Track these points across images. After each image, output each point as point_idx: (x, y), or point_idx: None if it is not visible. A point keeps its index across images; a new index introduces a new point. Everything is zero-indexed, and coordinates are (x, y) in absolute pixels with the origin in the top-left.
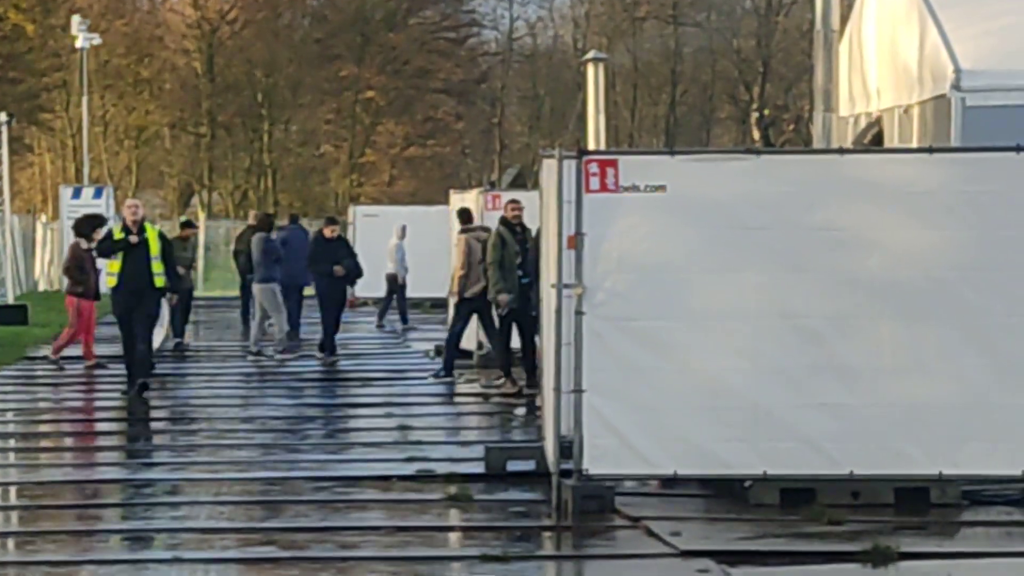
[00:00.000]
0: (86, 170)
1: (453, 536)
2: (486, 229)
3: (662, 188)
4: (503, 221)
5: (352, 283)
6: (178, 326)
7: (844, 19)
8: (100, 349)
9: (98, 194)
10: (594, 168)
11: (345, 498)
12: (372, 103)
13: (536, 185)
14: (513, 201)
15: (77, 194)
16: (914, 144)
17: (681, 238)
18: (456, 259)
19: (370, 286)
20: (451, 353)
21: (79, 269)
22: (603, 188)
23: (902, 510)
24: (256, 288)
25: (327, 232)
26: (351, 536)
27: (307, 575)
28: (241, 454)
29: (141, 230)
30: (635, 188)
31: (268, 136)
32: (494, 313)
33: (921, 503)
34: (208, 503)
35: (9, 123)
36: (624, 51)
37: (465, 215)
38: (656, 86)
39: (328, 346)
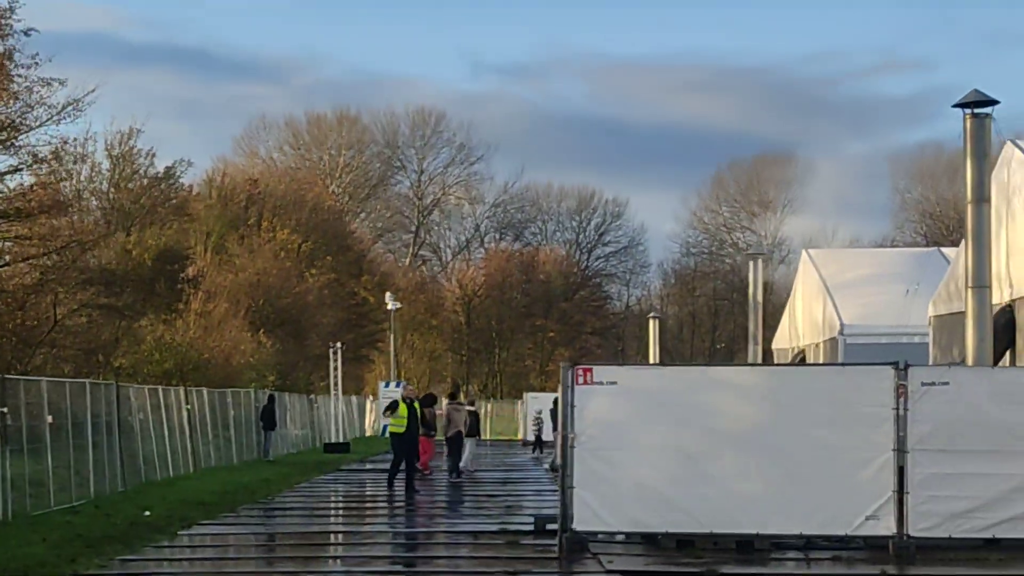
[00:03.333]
0: (392, 371)
1: (504, 561)
2: (461, 404)
3: (615, 383)
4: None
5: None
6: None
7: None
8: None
9: (398, 384)
10: (580, 372)
11: (464, 541)
12: (552, 338)
13: None
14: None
15: (387, 384)
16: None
17: (624, 408)
18: (443, 417)
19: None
20: (456, 461)
21: (427, 424)
22: (586, 382)
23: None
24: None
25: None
26: (458, 557)
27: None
28: (427, 517)
29: (413, 403)
30: (601, 383)
31: (497, 356)
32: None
33: (753, 551)
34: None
35: (338, 350)
36: (676, 313)
37: (453, 395)
38: (702, 333)
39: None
